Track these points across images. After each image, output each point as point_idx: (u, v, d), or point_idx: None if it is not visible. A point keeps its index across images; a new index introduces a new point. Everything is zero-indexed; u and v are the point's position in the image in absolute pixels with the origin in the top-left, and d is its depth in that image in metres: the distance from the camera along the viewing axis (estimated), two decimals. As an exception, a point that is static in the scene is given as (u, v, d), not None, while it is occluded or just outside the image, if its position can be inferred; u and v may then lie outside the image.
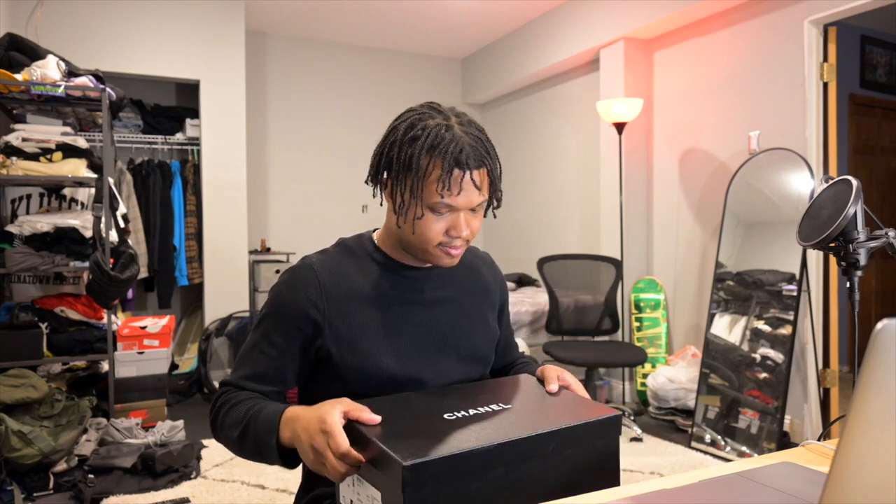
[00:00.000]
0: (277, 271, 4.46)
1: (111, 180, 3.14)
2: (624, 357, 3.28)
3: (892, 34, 4.71)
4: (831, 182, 1.18)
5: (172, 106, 4.69)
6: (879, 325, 0.53)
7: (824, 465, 0.92)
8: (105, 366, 3.36)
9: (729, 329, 3.26)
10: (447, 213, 1.00)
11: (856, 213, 1.11)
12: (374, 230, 1.16)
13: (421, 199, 0.98)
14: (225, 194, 4.34)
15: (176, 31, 4.16)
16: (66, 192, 3.43)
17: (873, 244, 1.12)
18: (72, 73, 3.04)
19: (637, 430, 3.28)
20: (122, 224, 3.27)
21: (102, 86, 3.02)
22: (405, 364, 1.06)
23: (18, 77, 2.86)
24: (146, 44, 4.08)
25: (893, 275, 4.85)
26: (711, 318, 3.36)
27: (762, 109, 3.33)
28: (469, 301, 1.17)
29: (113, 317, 3.14)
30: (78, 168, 2.94)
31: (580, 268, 3.75)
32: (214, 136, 4.31)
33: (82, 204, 3.45)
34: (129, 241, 3.27)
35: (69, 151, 2.96)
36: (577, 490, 0.88)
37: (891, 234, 1.12)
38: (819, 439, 1.04)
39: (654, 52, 4.04)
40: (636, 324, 3.99)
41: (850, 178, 1.14)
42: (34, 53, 3.01)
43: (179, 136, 4.52)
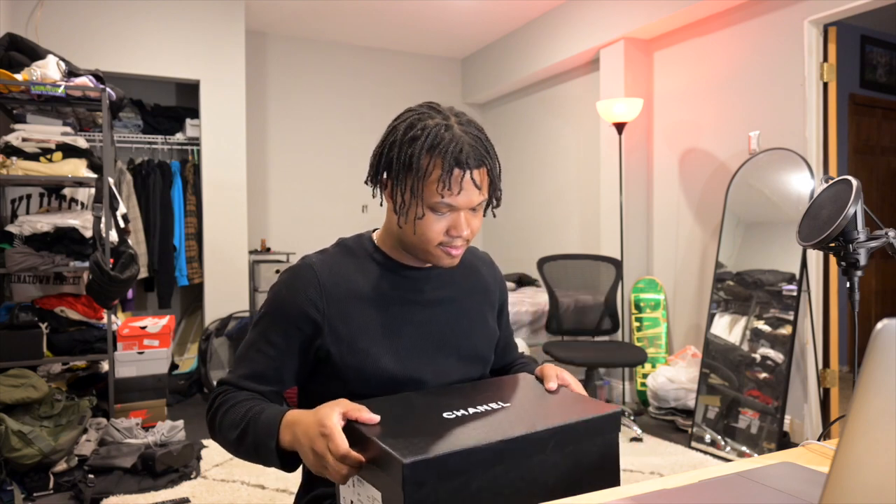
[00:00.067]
0: (277, 271, 4.46)
1: (111, 180, 3.14)
2: (624, 357, 3.28)
3: (892, 34, 4.71)
4: (831, 182, 1.18)
5: (172, 106, 4.69)
6: (879, 325, 0.53)
7: (824, 465, 0.92)
8: (105, 366, 3.36)
9: (729, 329, 3.26)
10: (447, 212, 1.00)
11: (856, 213, 1.11)
12: (373, 230, 1.16)
13: (421, 199, 0.98)
14: (225, 194, 4.34)
15: (176, 31, 4.16)
16: (66, 192, 3.43)
17: (873, 244, 1.12)
18: (72, 73, 3.04)
19: (637, 430, 3.28)
20: (122, 224, 3.27)
21: (102, 86, 3.03)
22: (405, 364, 1.06)
23: (18, 77, 2.86)
24: (146, 44, 4.08)
25: (893, 275, 4.85)
26: (711, 318, 3.36)
27: (762, 109, 3.33)
28: (469, 301, 1.17)
29: (113, 317, 3.14)
30: (78, 168, 2.94)
31: (580, 268, 3.75)
32: (214, 136, 4.31)
33: (82, 204, 3.45)
34: (129, 241, 3.27)
35: (69, 151, 2.96)
36: (577, 488, 0.89)
37: (891, 234, 1.11)
38: (819, 439, 1.04)
39: (654, 52, 4.04)
40: (636, 324, 3.99)
41: (850, 178, 1.14)
42: (34, 53, 3.01)
43: (179, 136, 4.52)
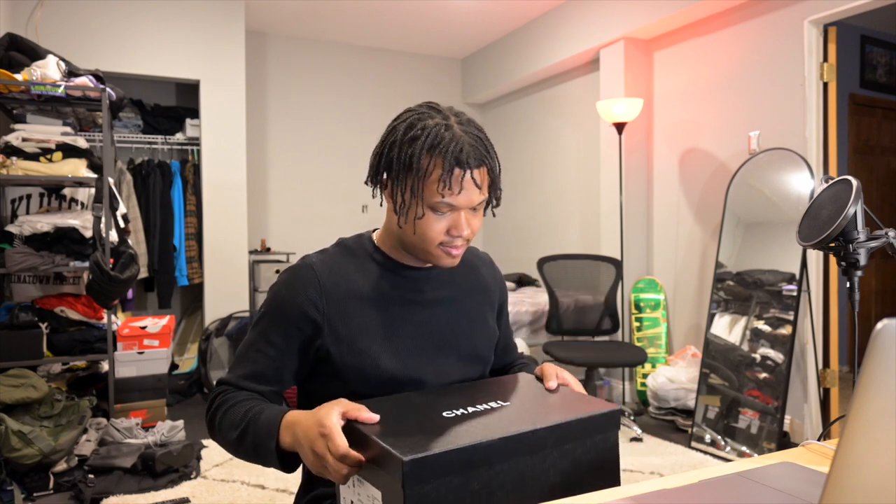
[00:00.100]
0: (277, 271, 4.46)
1: (111, 180, 3.14)
2: (624, 357, 3.28)
3: (892, 34, 4.71)
4: (831, 182, 1.18)
5: (172, 106, 4.69)
6: (879, 325, 0.53)
7: (824, 465, 0.92)
8: (105, 366, 3.36)
9: (729, 329, 3.26)
10: (448, 212, 1.00)
11: (856, 213, 1.11)
12: (373, 230, 1.16)
13: (422, 199, 0.98)
14: (225, 194, 4.34)
15: (176, 31, 4.16)
16: (66, 192, 3.43)
17: (873, 244, 1.12)
18: (72, 73, 3.04)
19: (637, 430, 3.28)
20: (122, 224, 3.27)
21: (102, 86, 3.02)
22: (405, 364, 1.06)
23: (18, 77, 2.86)
24: (146, 44, 4.08)
25: (893, 275, 4.85)
26: (711, 318, 3.35)
27: (762, 109, 3.33)
28: (469, 301, 1.17)
29: (113, 317, 3.14)
30: (78, 168, 2.94)
31: (580, 268, 3.75)
32: (214, 136, 4.31)
33: (82, 204, 3.45)
34: (129, 241, 3.27)
35: (69, 151, 2.96)
36: (577, 486, 0.89)
37: (891, 234, 1.11)
38: (819, 439, 1.04)
39: (654, 52, 4.04)
40: (636, 324, 3.99)
41: (850, 178, 1.14)
42: (34, 53, 3.01)
43: (179, 136, 4.52)
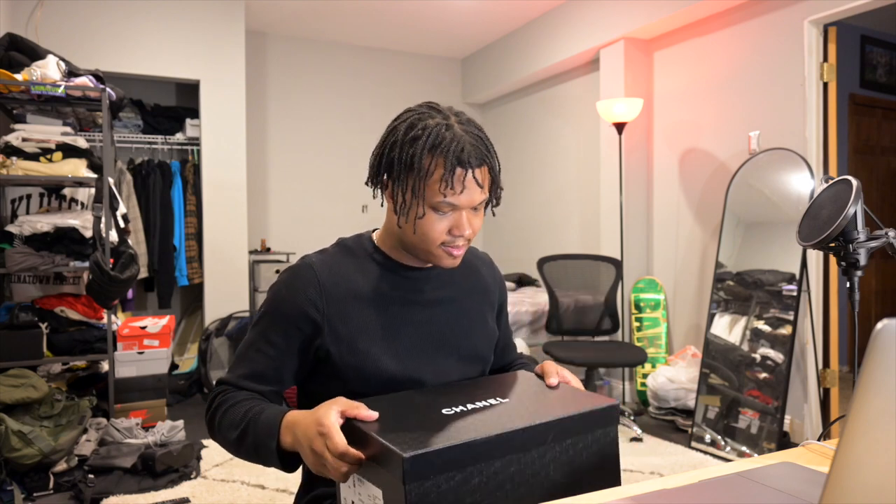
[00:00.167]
0: (277, 271, 4.46)
1: (111, 180, 3.14)
2: (624, 357, 3.28)
3: (892, 34, 4.71)
4: (831, 182, 1.18)
5: (172, 106, 4.69)
6: (879, 325, 0.53)
7: (824, 465, 0.92)
8: (105, 366, 3.36)
9: (729, 329, 3.26)
10: (449, 212, 1.00)
11: (856, 213, 1.11)
12: (373, 230, 1.16)
13: (423, 199, 0.98)
14: (225, 194, 4.34)
15: (176, 31, 4.16)
16: (66, 192, 3.43)
17: (873, 244, 1.12)
18: (72, 73, 3.04)
19: (637, 430, 3.28)
20: (122, 224, 3.27)
21: (102, 86, 3.02)
22: (405, 364, 1.06)
23: (18, 77, 2.86)
24: (146, 44, 4.08)
25: (893, 275, 4.85)
26: (711, 318, 3.35)
27: (762, 109, 3.33)
28: (468, 301, 1.17)
29: (113, 317, 3.14)
30: (78, 168, 2.94)
31: (580, 268, 3.75)
32: (214, 136, 4.31)
33: (82, 204, 3.45)
34: (129, 241, 3.27)
35: (69, 151, 2.96)
36: (577, 481, 0.89)
37: (891, 234, 1.11)
38: (819, 439, 1.04)
39: (654, 52, 4.04)
40: (636, 324, 3.99)
41: (850, 178, 1.14)
42: (34, 53, 3.01)
43: (179, 136, 4.52)
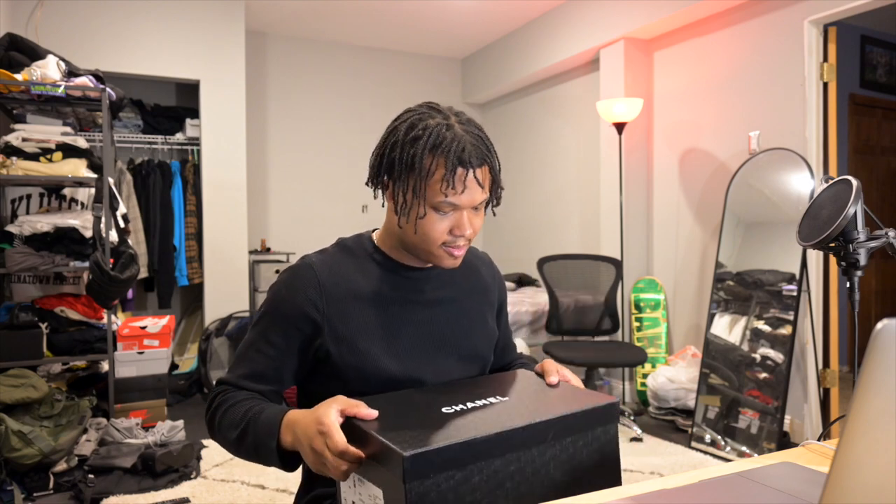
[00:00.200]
0: (277, 271, 4.45)
1: (111, 180, 3.14)
2: (624, 357, 3.28)
3: (892, 34, 4.71)
4: (831, 182, 1.18)
5: (172, 106, 4.69)
6: (879, 325, 0.53)
7: (824, 465, 0.92)
8: (105, 366, 3.36)
9: (729, 329, 3.26)
10: (450, 211, 1.00)
11: (856, 213, 1.11)
12: (373, 230, 1.16)
13: (424, 199, 0.98)
14: (225, 194, 4.34)
15: (176, 31, 4.16)
16: (66, 192, 3.43)
17: (873, 244, 1.12)
18: (72, 73, 3.04)
19: (637, 430, 3.28)
20: (122, 224, 3.27)
21: (102, 86, 3.02)
22: (405, 364, 1.06)
23: (18, 77, 2.86)
24: (146, 44, 4.08)
25: (893, 275, 4.85)
26: (711, 318, 3.35)
27: (762, 109, 3.33)
28: (468, 301, 1.17)
29: (113, 317, 3.14)
30: (78, 168, 2.94)
31: (580, 268, 3.75)
32: (214, 136, 4.31)
33: (82, 204, 3.45)
34: (129, 241, 3.27)
35: (69, 151, 2.96)
36: (578, 479, 0.89)
37: (891, 234, 1.11)
38: (819, 439, 1.04)
39: (654, 52, 4.04)
40: (636, 324, 3.99)
41: (850, 178, 1.14)
42: (34, 53, 3.01)
43: (179, 136, 4.52)
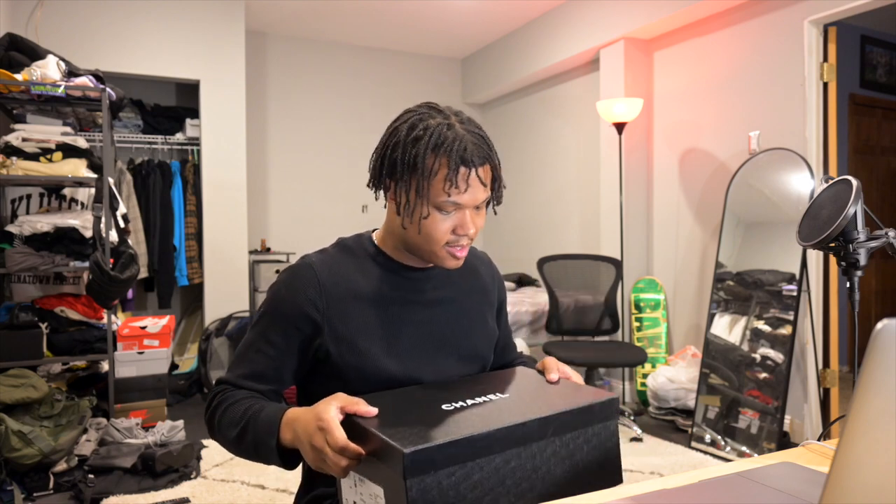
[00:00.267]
0: (277, 271, 4.45)
1: (111, 180, 3.14)
2: (624, 357, 3.28)
3: (892, 34, 4.71)
4: (831, 182, 1.18)
5: (172, 106, 4.69)
6: (879, 325, 0.53)
7: (824, 465, 0.92)
8: (105, 366, 3.36)
9: (729, 329, 3.26)
10: (453, 211, 1.00)
11: (856, 213, 1.11)
12: (373, 230, 1.16)
13: (427, 199, 0.98)
14: (225, 194, 4.34)
15: (176, 31, 4.16)
16: (66, 192, 3.43)
17: (873, 244, 1.12)
18: (72, 73, 3.04)
19: (637, 430, 3.28)
20: (122, 224, 3.27)
21: (102, 86, 3.02)
22: (405, 364, 1.06)
23: (18, 77, 2.86)
24: (146, 44, 4.08)
25: (893, 275, 4.85)
26: (711, 318, 3.35)
27: (762, 109, 3.33)
28: (468, 301, 1.17)
29: (113, 317, 3.14)
30: (78, 168, 2.94)
31: (580, 268, 3.75)
32: (214, 136, 4.31)
33: (82, 204, 3.45)
34: (129, 241, 3.27)
35: (69, 151, 2.96)
36: (579, 475, 0.89)
37: (891, 234, 1.11)
38: (819, 439, 1.04)
39: (654, 52, 4.04)
40: (636, 324, 3.99)
41: (850, 178, 1.14)
42: (34, 53, 3.01)
43: (179, 136, 4.52)
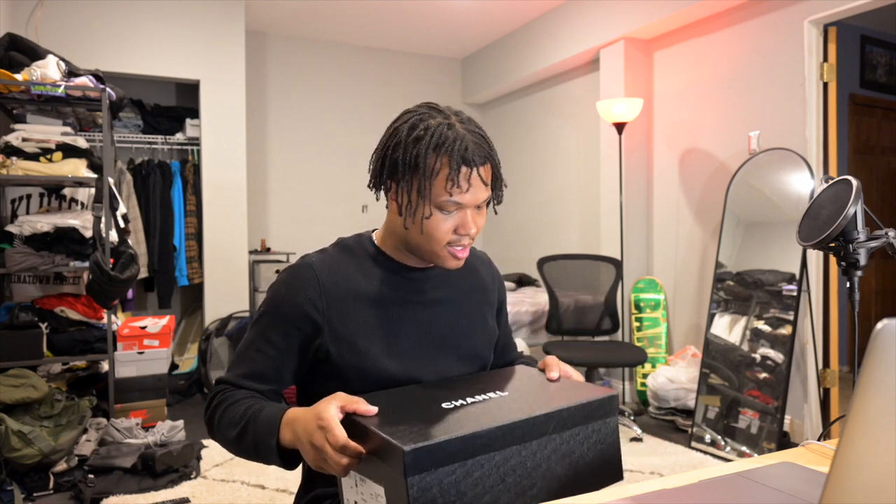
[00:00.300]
0: (277, 271, 4.45)
1: (111, 180, 3.14)
2: (624, 357, 3.28)
3: (892, 34, 4.71)
4: (831, 182, 1.18)
5: (172, 106, 4.69)
6: (879, 325, 0.53)
7: (824, 465, 0.92)
8: (105, 366, 3.36)
9: (729, 329, 3.26)
10: (455, 210, 1.00)
11: (856, 213, 1.11)
12: (372, 231, 1.16)
13: (429, 199, 0.99)
14: (225, 194, 4.34)
15: (176, 31, 4.16)
16: (66, 192, 3.43)
17: (873, 244, 1.12)
18: (72, 73, 3.03)
19: (637, 430, 3.28)
20: (122, 224, 3.27)
21: (102, 86, 3.02)
22: (405, 364, 1.06)
23: (18, 77, 2.86)
24: (146, 44, 4.08)
25: (893, 275, 4.85)
26: (711, 318, 3.35)
27: (762, 109, 3.33)
28: (468, 301, 1.17)
29: (113, 317, 3.14)
30: (78, 168, 2.94)
31: (580, 268, 3.75)
32: (214, 136, 4.31)
33: (82, 204, 3.45)
34: (129, 241, 3.27)
35: (69, 151, 2.96)
36: (579, 474, 0.89)
37: (891, 234, 1.11)
38: (819, 439, 1.04)
39: (654, 52, 4.04)
40: (636, 324, 3.99)
41: (850, 178, 1.14)
42: (34, 53, 3.01)
43: (179, 136, 4.52)
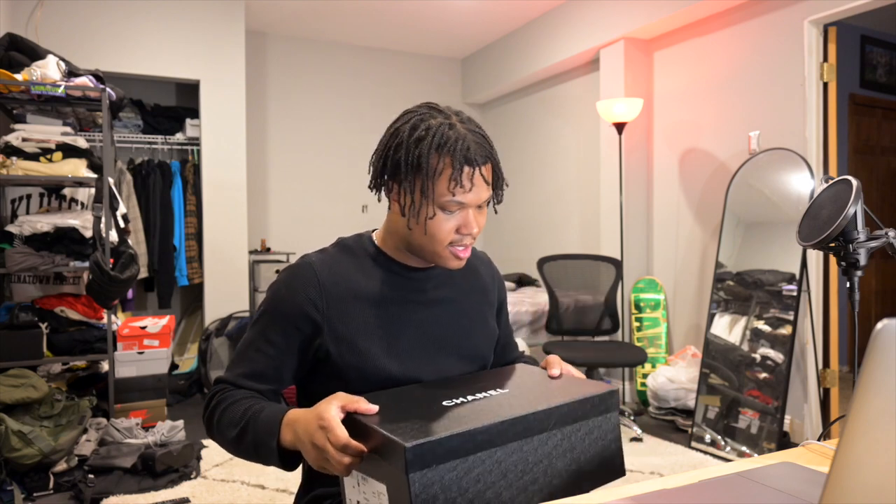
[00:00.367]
0: (277, 271, 4.44)
1: (111, 180, 3.14)
2: (624, 357, 3.28)
3: (892, 34, 4.71)
4: (831, 182, 1.18)
5: (172, 106, 4.69)
6: (879, 325, 0.53)
7: (824, 465, 0.92)
8: (105, 366, 3.36)
9: (729, 329, 3.26)
10: (457, 210, 1.01)
11: (856, 213, 1.11)
12: (373, 230, 1.16)
13: (432, 199, 0.99)
14: (225, 194, 4.34)
15: (176, 31, 4.16)
16: (66, 192, 3.43)
17: (873, 244, 1.12)
18: (72, 73, 3.04)
19: (637, 430, 3.28)
20: (122, 224, 3.27)
21: (102, 86, 3.02)
22: (405, 364, 1.06)
23: (18, 77, 2.86)
24: (146, 44, 4.08)
25: (893, 275, 4.85)
26: (711, 318, 3.35)
27: (762, 109, 3.33)
28: (468, 301, 1.17)
29: (113, 317, 3.14)
30: (78, 168, 2.94)
31: (580, 268, 3.75)
32: (214, 136, 4.31)
33: (82, 204, 3.45)
34: (129, 241, 3.27)
35: (69, 151, 2.96)
36: (580, 470, 0.90)
37: (891, 234, 1.11)
38: (819, 439, 1.04)
39: (654, 52, 4.04)
40: (636, 324, 3.99)
41: (850, 178, 1.14)
42: (34, 53, 3.01)
43: (179, 136, 4.52)
